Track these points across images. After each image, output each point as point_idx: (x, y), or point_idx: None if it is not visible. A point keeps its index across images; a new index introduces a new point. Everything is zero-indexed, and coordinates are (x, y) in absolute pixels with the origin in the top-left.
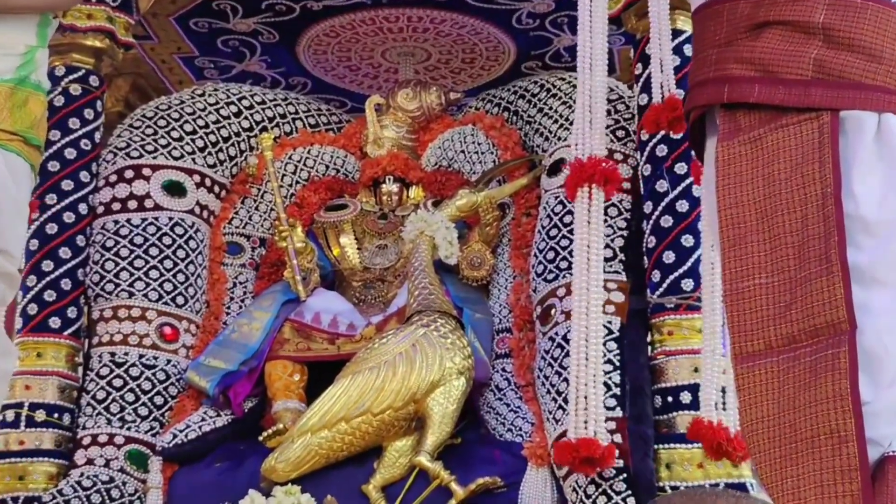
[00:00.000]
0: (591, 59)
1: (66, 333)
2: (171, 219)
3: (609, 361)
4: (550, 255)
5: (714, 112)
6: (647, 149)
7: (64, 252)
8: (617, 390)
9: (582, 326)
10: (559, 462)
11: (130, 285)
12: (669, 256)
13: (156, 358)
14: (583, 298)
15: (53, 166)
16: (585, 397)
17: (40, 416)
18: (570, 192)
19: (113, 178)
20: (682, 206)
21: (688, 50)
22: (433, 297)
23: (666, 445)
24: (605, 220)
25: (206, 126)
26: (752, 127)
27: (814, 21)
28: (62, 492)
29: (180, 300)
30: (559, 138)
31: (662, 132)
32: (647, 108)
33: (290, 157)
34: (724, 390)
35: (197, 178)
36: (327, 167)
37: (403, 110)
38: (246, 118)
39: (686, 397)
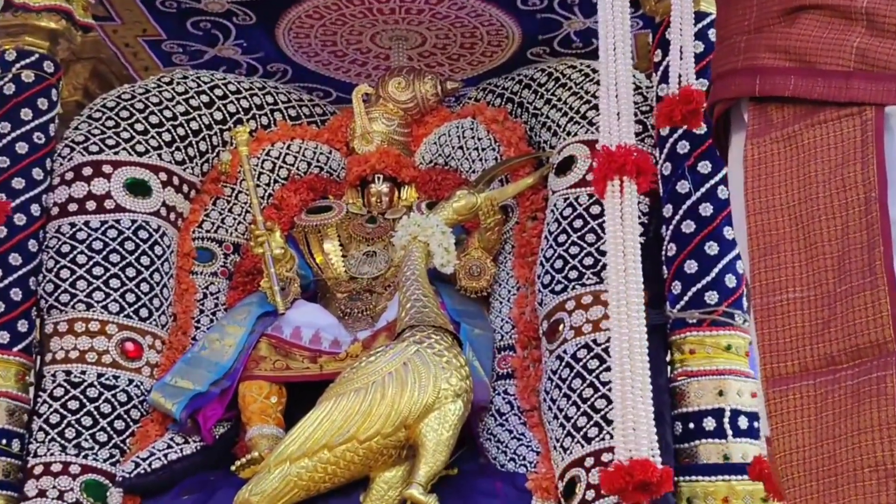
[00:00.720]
0: (615, 41)
1: (15, 349)
2: (134, 221)
3: None
4: (558, 263)
5: (741, 106)
6: (667, 145)
7: (14, 258)
8: None
9: (623, 336)
10: (608, 491)
11: (88, 296)
12: (691, 266)
13: (116, 377)
14: (621, 304)
15: (3, 162)
16: (633, 414)
17: None
18: (598, 186)
19: (69, 175)
20: (706, 209)
21: (712, 35)
22: (427, 311)
23: (687, 478)
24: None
25: (174, 118)
26: (786, 123)
27: (856, 5)
28: None
29: (144, 313)
30: (569, 133)
31: (683, 128)
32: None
33: (267, 153)
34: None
35: (163, 176)
36: (309, 164)
37: (395, 101)
38: (219, 109)
39: (710, 423)
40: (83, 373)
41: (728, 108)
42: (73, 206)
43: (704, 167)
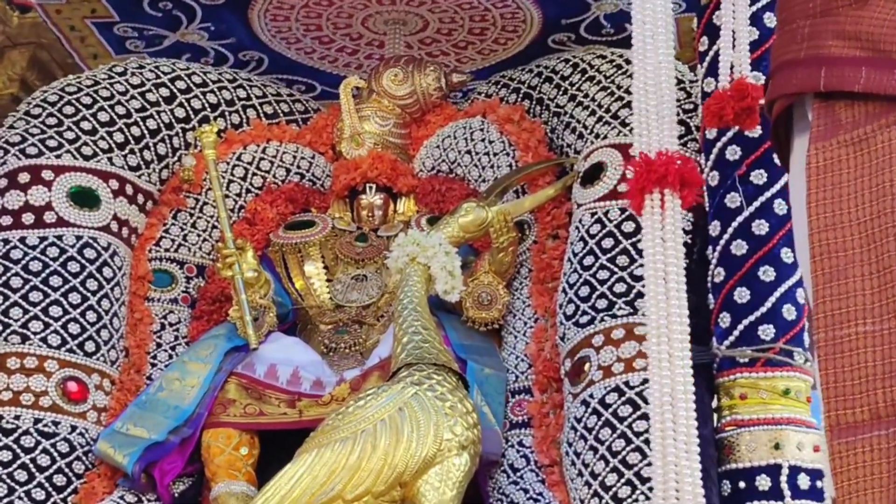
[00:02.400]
0: (652, 25)
1: None
2: (79, 238)
3: None
4: (584, 290)
5: (805, 103)
6: (715, 150)
7: None
8: None
9: (664, 380)
10: None
11: (24, 326)
12: (743, 294)
13: (56, 424)
14: (662, 341)
15: None
16: (675, 473)
17: None
18: (634, 200)
19: (2, 182)
20: (761, 227)
21: (770, 20)
22: (427, 346)
23: None
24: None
25: (128, 115)
26: (857, 124)
27: None
28: None
29: (90, 347)
30: (598, 135)
31: (734, 129)
32: (712, 95)
33: (238, 158)
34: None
35: (115, 184)
36: (288, 171)
37: (391, 97)
38: (181, 105)
39: (764, 483)
40: (17, 418)
41: (789, 106)
42: (6, 220)
43: (759, 177)
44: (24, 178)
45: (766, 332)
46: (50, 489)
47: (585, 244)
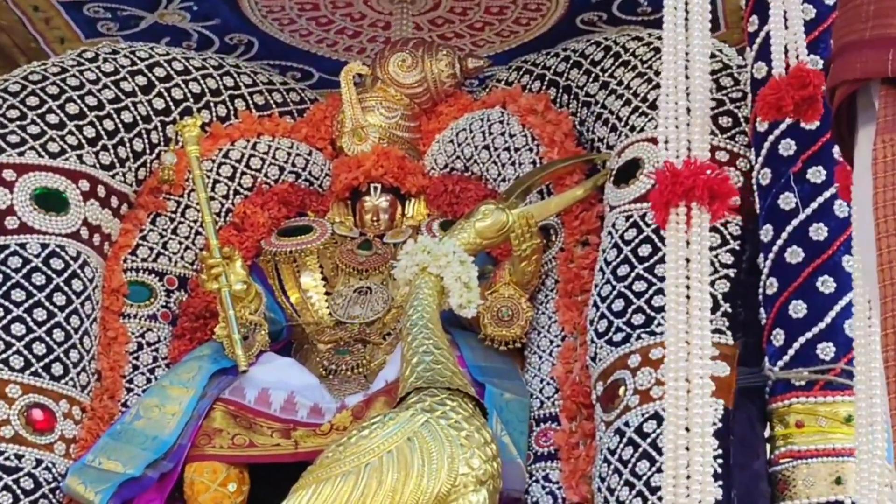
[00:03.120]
0: (688, 8)
1: None
2: (44, 246)
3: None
4: (618, 304)
5: (871, 90)
6: (766, 145)
7: None
8: None
9: (680, 417)
10: None
11: None
12: (799, 308)
13: (20, 457)
14: (680, 374)
15: None
16: None
17: None
18: (658, 213)
19: None
20: (819, 231)
21: None
22: (440, 368)
23: None
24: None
25: (100, 107)
26: None
27: None
28: None
29: (57, 370)
30: (633, 128)
31: (788, 120)
32: (764, 83)
33: (226, 155)
34: None
35: (85, 185)
36: (282, 170)
37: (398, 85)
38: (160, 95)
39: None
40: None
41: (853, 93)
42: None
43: (817, 174)
44: None
45: (826, 350)
46: None
47: (619, 251)
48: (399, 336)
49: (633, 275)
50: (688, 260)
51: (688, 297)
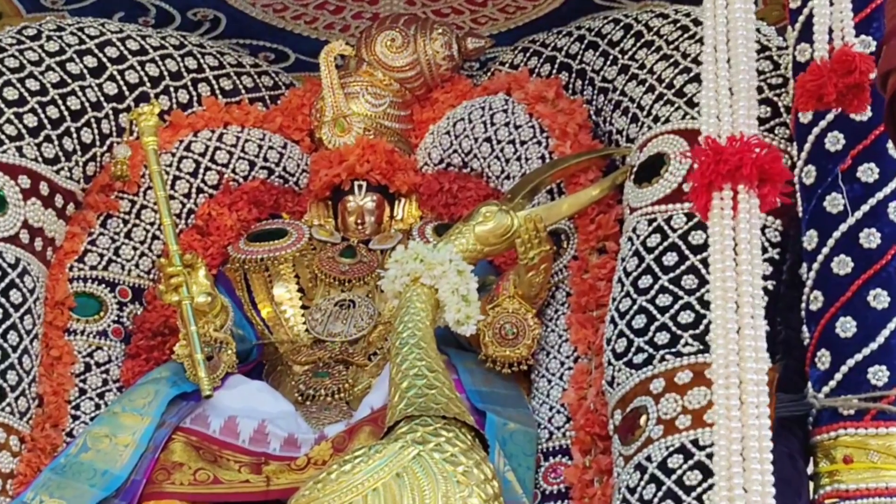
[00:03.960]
0: None
1: None
2: None
3: None
4: (640, 321)
5: None
6: (811, 139)
7: None
8: None
9: (733, 442)
10: None
11: None
12: (847, 326)
13: None
14: (732, 390)
15: None
16: None
17: None
18: (698, 199)
19: None
20: (871, 238)
21: None
22: (434, 394)
23: None
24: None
25: (44, 92)
26: None
27: None
28: None
29: None
30: (657, 119)
31: (834, 111)
32: (807, 66)
33: (188, 148)
34: None
35: (25, 181)
36: (252, 164)
37: (386, 68)
38: (112, 79)
39: None
40: None
41: None
42: None
43: (868, 173)
44: None
45: (878, 375)
46: None
47: (641, 261)
48: (387, 357)
49: (656, 287)
50: (736, 255)
51: (737, 296)
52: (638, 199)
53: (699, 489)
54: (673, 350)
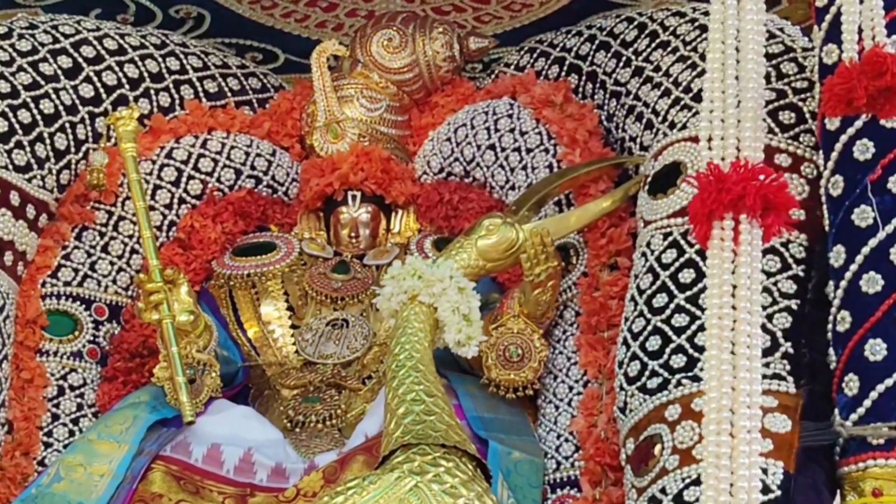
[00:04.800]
0: None
1: None
2: None
3: None
4: (654, 342)
5: None
6: (838, 147)
7: None
8: None
9: (723, 480)
10: None
11: None
12: (877, 349)
13: None
14: (723, 428)
15: None
16: None
17: None
18: (699, 227)
19: None
20: None
21: None
22: (432, 420)
23: None
24: (766, 282)
25: (14, 94)
26: None
27: None
28: None
29: None
30: (674, 125)
31: (864, 116)
32: (834, 69)
33: (168, 155)
34: None
35: None
36: (238, 173)
37: (383, 69)
38: (88, 80)
39: None
40: None
41: None
42: None
43: None
44: None
45: None
46: None
47: (656, 277)
48: (382, 380)
49: (672, 306)
50: (734, 287)
51: (732, 329)
52: (652, 211)
53: None
54: (690, 374)
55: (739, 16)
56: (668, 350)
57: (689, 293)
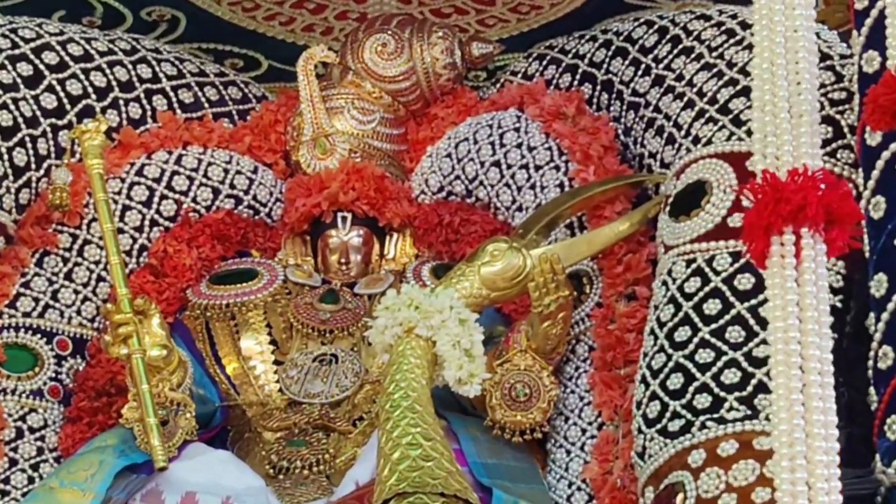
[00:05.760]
0: None
1: None
2: None
3: None
4: (675, 380)
5: None
6: (880, 164)
7: None
8: None
9: None
10: None
11: None
12: None
13: None
14: (798, 464)
15: None
16: None
17: None
18: (755, 244)
19: None
20: None
21: None
22: (430, 466)
23: None
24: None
25: None
26: None
27: None
28: None
29: None
30: (698, 140)
31: None
32: (877, 79)
33: (139, 172)
34: None
35: None
36: (216, 192)
37: (376, 78)
38: (51, 90)
39: None
40: None
41: None
42: None
43: None
44: None
45: None
46: None
47: (678, 309)
48: (374, 422)
49: (695, 340)
50: (800, 310)
51: (801, 368)
52: (674, 235)
53: None
54: (715, 416)
55: (786, 12)
56: (691, 389)
57: (714, 326)
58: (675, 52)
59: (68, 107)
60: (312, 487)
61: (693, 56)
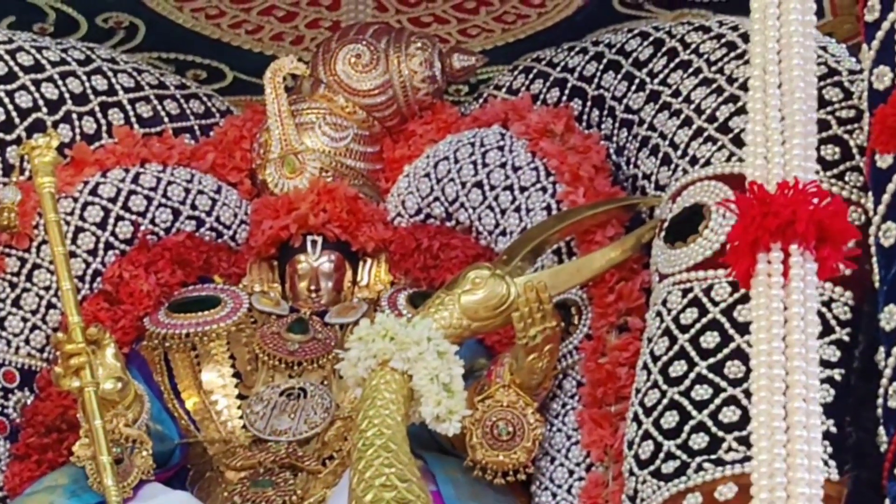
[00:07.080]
0: None
1: None
2: None
3: None
4: (670, 419)
5: None
6: (890, 188)
7: None
8: None
9: None
10: None
11: None
12: None
13: None
14: None
15: None
16: None
17: None
18: (740, 262)
19: None
20: None
21: None
22: None
23: None
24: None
25: None
26: None
27: None
28: None
29: None
30: (695, 160)
31: None
32: (887, 96)
33: (93, 191)
34: None
35: None
36: (176, 214)
37: (350, 91)
38: None
39: None
40: None
41: None
42: None
43: None
44: None
45: None
46: None
47: (673, 341)
48: (346, 461)
49: (692, 376)
50: (785, 336)
51: (785, 394)
52: (670, 262)
53: None
54: (713, 457)
55: (781, 20)
56: (686, 428)
57: (712, 360)
58: (672, 65)
59: (17, 121)
60: None
61: (691, 70)
